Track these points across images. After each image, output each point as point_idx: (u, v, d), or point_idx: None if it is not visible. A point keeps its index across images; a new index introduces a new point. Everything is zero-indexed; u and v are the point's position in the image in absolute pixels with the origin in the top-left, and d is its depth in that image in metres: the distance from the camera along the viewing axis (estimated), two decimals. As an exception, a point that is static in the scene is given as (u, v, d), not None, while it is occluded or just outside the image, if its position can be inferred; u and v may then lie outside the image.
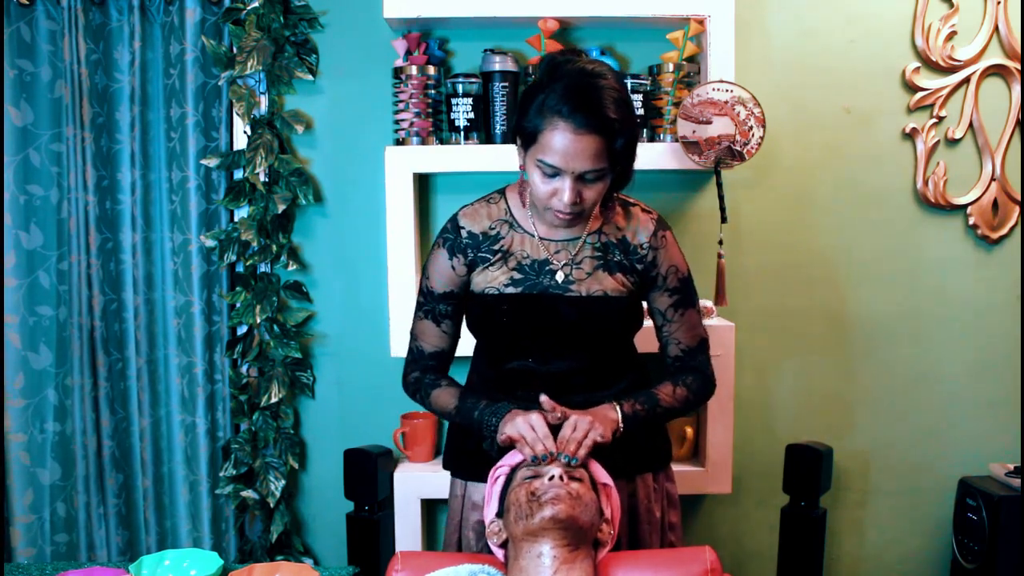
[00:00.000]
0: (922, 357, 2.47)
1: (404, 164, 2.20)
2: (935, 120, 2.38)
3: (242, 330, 2.38)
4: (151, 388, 2.37)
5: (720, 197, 2.16)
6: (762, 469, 2.44)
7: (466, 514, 1.68)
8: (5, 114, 2.26)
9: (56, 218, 2.32)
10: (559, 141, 1.43)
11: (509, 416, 1.51)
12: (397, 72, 2.22)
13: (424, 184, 2.36)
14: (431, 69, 2.22)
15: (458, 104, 2.20)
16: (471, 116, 2.21)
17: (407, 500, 2.29)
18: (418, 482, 2.29)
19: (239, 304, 2.33)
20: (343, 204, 2.37)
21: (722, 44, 2.19)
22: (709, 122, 2.11)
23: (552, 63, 1.49)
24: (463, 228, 1.63)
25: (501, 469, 1.52)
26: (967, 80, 2.37)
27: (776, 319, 2.44)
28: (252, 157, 2.26)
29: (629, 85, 2.19)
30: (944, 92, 2.37)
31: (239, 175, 2.33)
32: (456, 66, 2.33)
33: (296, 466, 2.39)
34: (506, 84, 2.19)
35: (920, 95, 2.37)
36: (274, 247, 2.32)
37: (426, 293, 1.66)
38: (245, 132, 2.29)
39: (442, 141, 2.27)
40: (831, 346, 2.46)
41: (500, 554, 1.46)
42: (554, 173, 1.46)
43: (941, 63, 2.36)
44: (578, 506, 1.37)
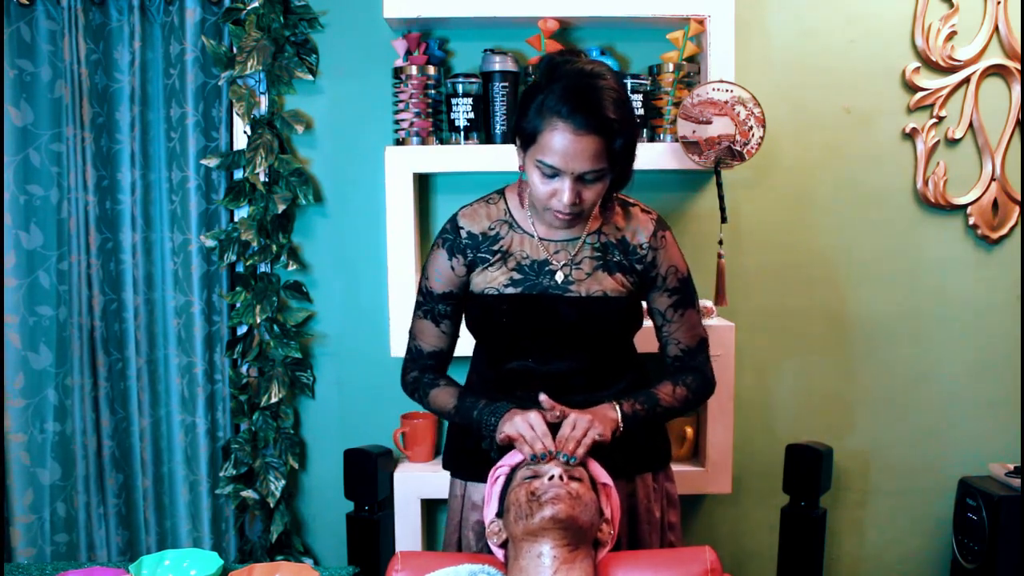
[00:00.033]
0: (922, 357, 2.47)
1: (404, 164, 2.20)
2: (935, 120, 2.38)
3: (242, 330, 2.38)
4: (151, 388, 2.37)
5: (720, 197, 2.16)
6: (762, 469, 2.44)
7: (466, 514, 1.68)
8: (5, 114, 2.26)
9: (56, 218, 2.32)
10: (558, 142, 1.43)
11: (508, 415, 1.51)
12: (397, 72, 2.22)
13: (424, 184, 2.36)
14: (431, 69, 2.22)
15: (458, 104, 2.20)
16: (471, 116, 2.21)
17: (407, 500, 2.29)
18: (418, 482, 2.29)
19: (239, 304, 2.33)
20: (343, 204, 2.37)
21: (722, 44, 2.19)
22: (709, 122, 2.11)
23: (551, 63, 1.49)
24: (462, 228, 1.62)
25: (501, 469, 1.52)
26: (967, 80, 2.37)
27: (776, 319, 2.44)
28: (252, 157, 2.26)
29: (629, 85, 2.19)
30: (944, 92, 2.37)
31: (239, 175, 2.33)
32: (456, 66, 2.33)
33: (296, 466, 2.39)
34: (506, 84, 2.19)
35: (920, 95, 2.37)
36: (274, 247, 2.32)
37: (425, 293, 1.66)
38: (245, 132, 2.29)
39: (442, 141, 2.27)
40: (831, 346, 2.46)
41: (500, 554, 1.46)
42: (553, 174, 1.46)
43: (941, 63, 2.36)
44: (578, 506, 1.37)
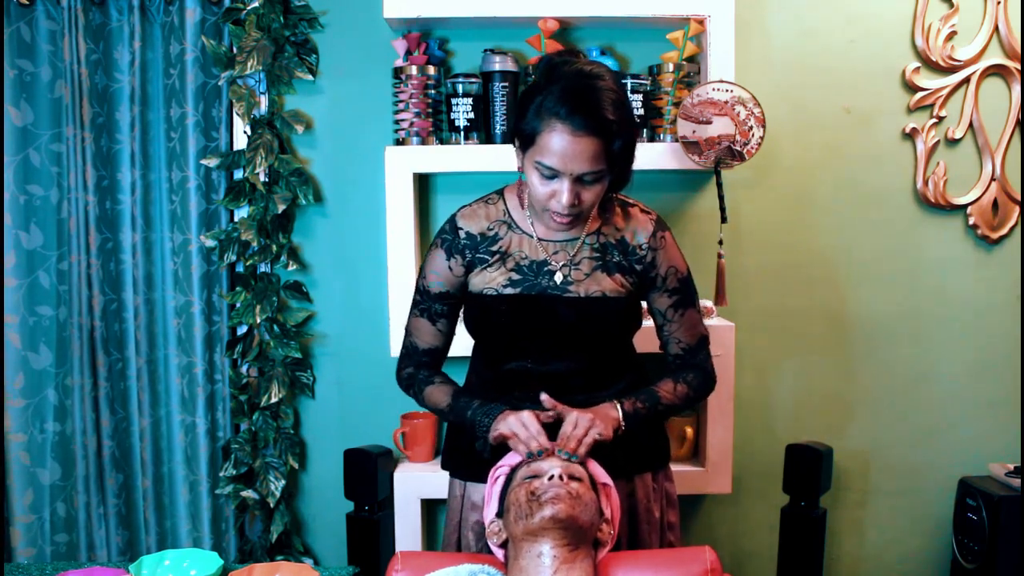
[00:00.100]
0: (922, 357, 2.47)
1: (404, 164, 2.20)
2: (935, 120, 2.38)
3: (242, 330, 2.38)
4: (151, 388, 2.37)
5: (720, 197, 2.16)
6: (762, 469, 2.44)
7: (465, 514, 1.68)
8: (5, 114, 2.26)
9: (56, 218, 2.32)
10: (557, 143, 1.43)
11: (501, 416, 1.52)
12: (397, 72, 2.22)
13: (424, 184, 2.36)
14: (431, 69, 2.22)
15: (458, 104, 2.20)
16: (471, 116, 2.21)
17: (407, 500, 2.29)
18: (418, 482, 2.29)
19: (239, 304, 2.33)
20: (343, 204, 2.37)
21: (722, 44, 2.19)
22: (709, 122, 2.11)
23: (550, 64, 1.49)
24: (461, 229, 1.62)
25: (501, 469, 1.52)
26: (967, 80, 2.37)
27: (776, 319, 2.44)
28: (252, 157, 2.26)
29: (629, 85, 2.18)
30: (944, 92, 2.37)
31: (239, 175, 2.33)
32: (456, 66, 2.33)
33: (296, 466, 2.39)
34: (506, 84, 2.19)
35: (920, 95, 2.37)
36: (274, 247, 2.32)
37: (422, 292, 1.66)
38: (245, 132, 2.29)
39: (442, 141, 2.26)
40: (831, 346, 2.46)
41: (500, 554, 1.46)
42: (552, 175, 1.46)
43: (941, 63, 2.36)
44: (578, 506, 1.37)
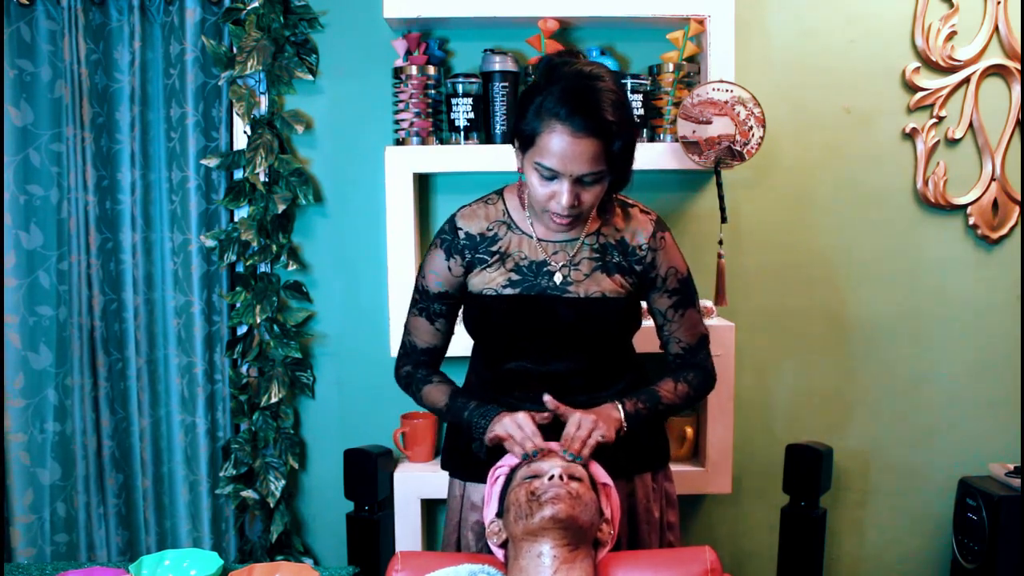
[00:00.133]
0: (922, 357, 2.47)
1: (404, 164, 2.20)
2: (935, 120, 2.38)
3: (242, 330, 2.38)
4: (151, 388, 2.37)
5: (720, 197, 2.16)
6: (762, 469, 2.44)
7: (465, 514, 1.68)
8: (5, 114, 2.26)
9: (56, 218, 2.32)
10: (557, 144, 1.43)
11: (497, 417, 1.52)
12: (397, 72, 2.22)
13: (424, 184, 2.36)
14: (431, 69, 2.21)
15: (458, 104, 2.20)
16: (471, 116, 2.21)
17: (407, 500, 2.29)
18: (418, 482, 2.29)
19: (239, 304, 2.33)
20: (343, 204, 2.37)
21: (722, 44, 2.19)
22: (709, 122, 2.11)
23: (550, 65, 1.48)
24: (461, 229, 1.62)
25: (501, 469, 1.52)
26: (967, 80, 2.37)
27: (776, 319, 2.44)
28: (252, 157, 2.26)
29: (629, 85, 2.18)
30: (944, 92, 2.37)
31: (239, 175, 2.33)
32: (456, 66, 2.33)
33: (296, 466, 2.39)
34: (506, 84, 2.19)
35: (920, 95, 2.37)
36: (274, 247, 2.32)
37: (421, 291, 1.66)
38: (245, 132, 2.29)
39: (442, 141, 2.26)
40: (831, 346, 2.46)
41: (500, 554, 1.46)
42: (552, 176, 1.46)
43: (941, 63, 2.36)
44: (578, 506, 1.37)
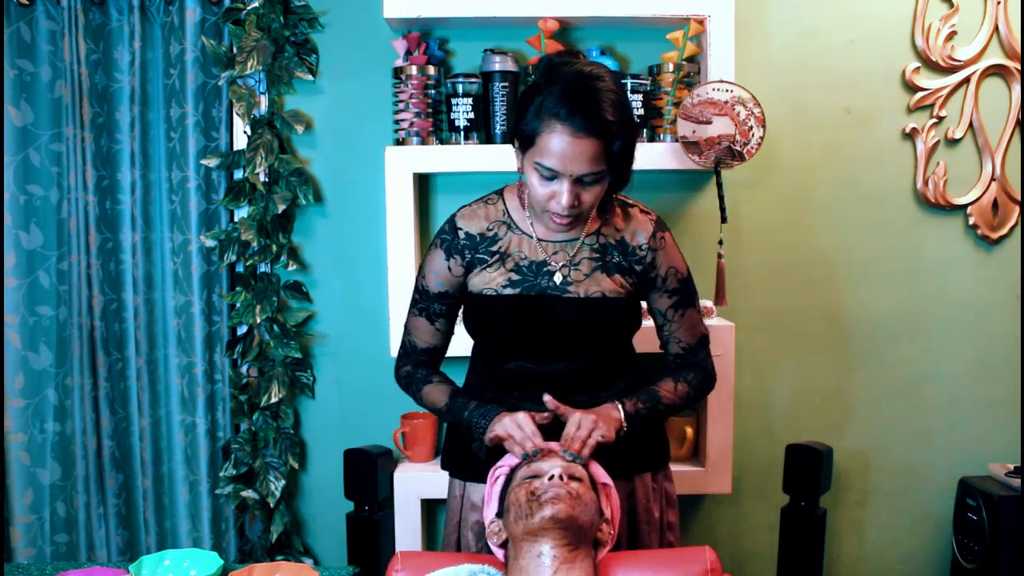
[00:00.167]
0: (922, 357, 2.47)
1: (404, 164, 2.20)
2: (935, 120, 2.38)
3: (242, 330, 2.38)
4: (151, 388, 2.37)
5: (720, 197, 2.16)
6: (762, 469, 2.44)
7: (465, 514, 1.68)
8: (5, 114, 2.26)
9: (56, 218, 2.32)
10: (557, 144, 1.42)
11: (497, 417, 1.52)
12: (397, 72, 2.22)
13: (424, 184, 2.36)
14: (431, 69, 2.21)
15: (458, 104, 2.20)
16: (471, 116, 2.21)
17: (407, 500, 2.29)
18: (418, 482, 2.29)
19: (239, 304, 2.33)
20: (343, 204, 2.37)
21: (722, 44, 2.19)
22: (709, 122, 2.11)
23: (550, 65, 1.48)
24: (461, 229, 1.62)
25: (501, 469, 1.52)
26: (967, 80, 2.37)
27: (776, 319, 2.44)
28: (252, 157, 2.26)
29: (629, 85, 2.18)
30: (944, 92, 2.37)
31: (239, 175, 2.33)
32: (456, 66, 2.33)
33: (296, 466, 2.39)
34: (506, 84, 2.19)
35: (920, 95, 2.37)
36: (274, 247, 2.32)
37: (421, 291, 1.66)
38: (245, 132, 2.29)
39: (442, 141, 2.26)
40: (831, 346, 2.46)
41: (500, 554, 1.46)
42: (552, 176, 1.46)
43: (941, 63, 2.36)
44: (578, 506, 1.37)
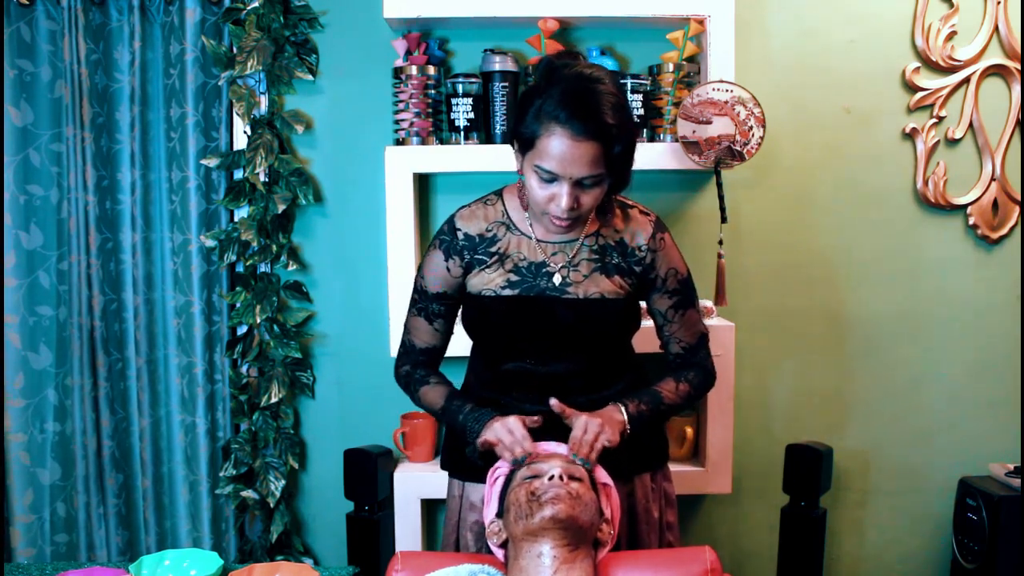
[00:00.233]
0: (922, 357, 2.47)
1: (404, 164, 2.20)
2: (935, 120, 2.38)
3: (242, 330, 2.38)
4: (151, 388, 2.37)
5: (720, 197, 2.16)
6: (762, 469, 2.44)
7: (464, 514, 1.68)
8: (5, 114, 2.26)
9: (56, 218, 2.32)
10: (556, 147, 1.42)
11: (489, 422, 1.52)
12: (397, 72, 2.22)
13: (424, 184, 2.36)
14: (431, 69, 2.21)
15: (458, 104, 2.20)
16: (471, 116, 2.21)
17: (407, 500, 2.29)
18: (418, 482, 2.29)
19: (239, 304, 2.33)
20: (343, 204, 2.37)
21: (722, 44, 2.19)
22: (709, 122, 2.11)
23: (549, 67, 1.48)
24: (460, 230, 1.62)
25: (500, 469, 1.52)
26: (967, 80, 2.37)
27: (776, 319, 2.44)
28: (252, 157, 2.26)
29: (629, 85, 2.18)
30: (944, 92, 2.37)
31: (239, 175, 2.33)
32: (456, 66, 2.33)
33: (296, 466, 2.39)
34: (506, 84, 2.19)
35: (920, 95, 2.37)
36: (274, 247, 2.32)
37: (420, 292, 1.66)
38: (245, 132, 2.29)
39: (442, 141, 2.26)
40: (831, 346, 2.46)
41: (500, 554, 1.46)
42: (551, 179, 1.46)
43: (941, 63, 2.36)
44: (578, 506, 1.37)
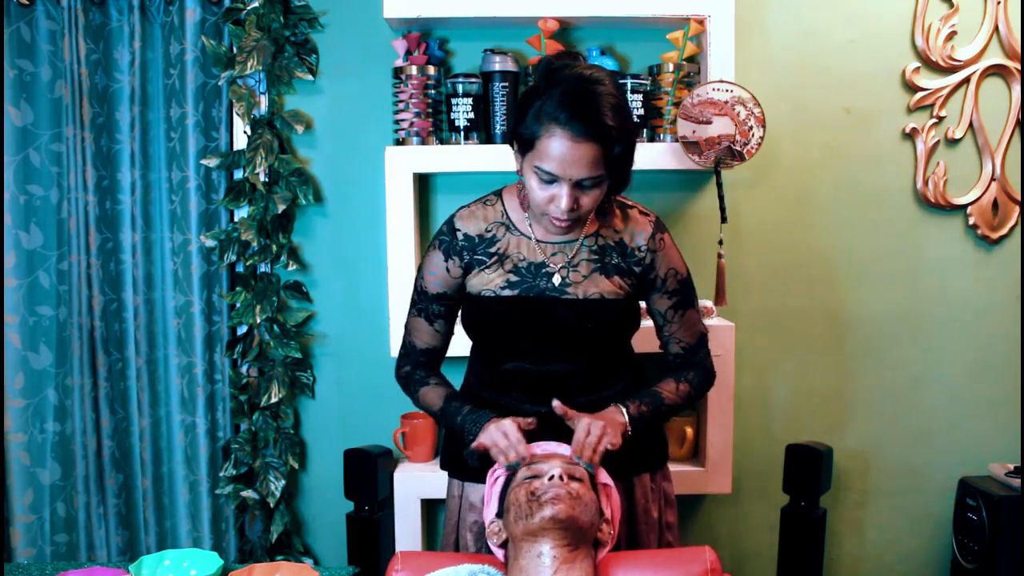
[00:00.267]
0: (922, 357, 2.47)
1: (404, 164, 2.20)
2: (935, 120, 2.38)
3: (242, 330, 2.38)
4: (151, 388, 2.37)
5: (720, 197, 2.16)
6: (762, 469, 2.44)
7: (463, 515, 1.68)
8: (5, 114, 2.26)
9: (56, 218, 2.32)
10: (556, 149, 1.42)
11: (484, 425, 1.52)
12: (397, 72, 2.22)
13: (424, 184, 2.36)
14: (431, 69, 2.21)
15: (458, 104, 2.20)
16: (471, 116, 2.21)
17: (407, 500, 2.29)
18: (418, 482, 2.29)
19: (239, 304, 2.33)
20: (343, 204, 2.37)
21: (722, 44, 2.19)
22: (709, 122, 2.11)
23: (549, 68, 1.48)
24: (459, 230, 1.62)
25: (500, 469, 1.52)
26: (967, 80, 2.37)
27: (776, 319, 2.44)
28: (252, 157, 2.26)
29: (629, 85, 2.18)
30: (944, 92, 2.37)
31: (239, 175, 2.33)
32: (456, 66, 2.33)
33: (296, 466, 2.39)
34: (506, 84, 2.19)
35: (920, 95, 2.37)
36: (274, 247, 2.32)
37: (420, 292, 1.66)
38: (245, 132, 2.29)
39: (442, 141, 2.26)
40: (831, 346, 2.46)
41: (500, 554, 1.46)
42: (551, 180, 1.46)
43: (941, 63, 2.36)
44: (578, 506, 1.37)
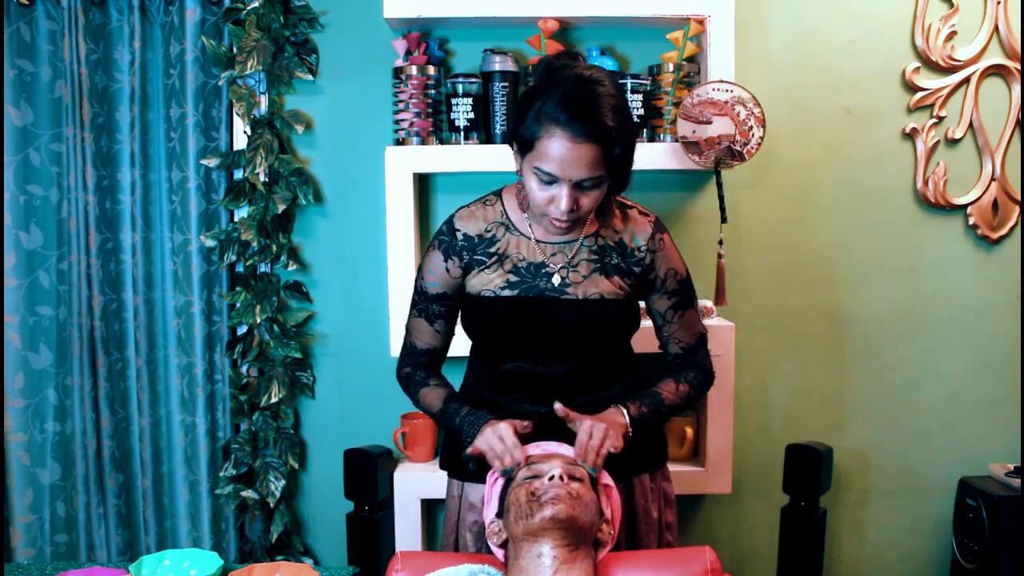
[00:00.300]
0: (922, 357, 2.47)
1: (404, 164, 2.20)
2: (935, 120, 2.38)
3: (242, 330, 2.38)
4: (151, 388, 2.37)
5: (720, 197, 2.16)
6: (762, 469, 2.44)
7: (463, 515, 1.68)
8: (5, 114, 2.26)
9: (56, 218, 2.32)
10: (556, 149, 1.42)
11: (481, 429, 1.51)
12: (397, 72, 2.22)
13: (424, 184, 2.36)
14: (431, 69, 2.22)
15: (458, 104, 2.20)
16: (471, 116, 2.21)
17: (407, 500, 2.29)
18: (418, 482, 2.29)
19: (239, 304, 2.33)
20: (343, 204, 2.37)
21: (722, 44, 2.19)
22: (709, 122, 2.11)
23: (549, 69, 1.47)
24: (459, 231, 1.62)
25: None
26: (967, 80, 2.37)
27: (776, 319, 2.44)
28: (252, 157, 2.26)
29: (629, 85, 2.18)
30: (944, 92, 2.37)
31: (239, 175, 2.33)
32: (456, 66, 2.33)
33: (296, 466, 2.39)
34: (506, 84, 2.19)
35: (920, 95, 2.37)
36: (274, 247, 2.32)
37: (420, 293, 1.66)
38: (245, 132, 2.29)
39: (442, 141, 2.26)
40: (831, 346, 2.46)
41: (500, 554, 1.46)
42: (551, 180, 1.45)
43: (941, 63, 2.36)
44: (578, 506, 1.37)
